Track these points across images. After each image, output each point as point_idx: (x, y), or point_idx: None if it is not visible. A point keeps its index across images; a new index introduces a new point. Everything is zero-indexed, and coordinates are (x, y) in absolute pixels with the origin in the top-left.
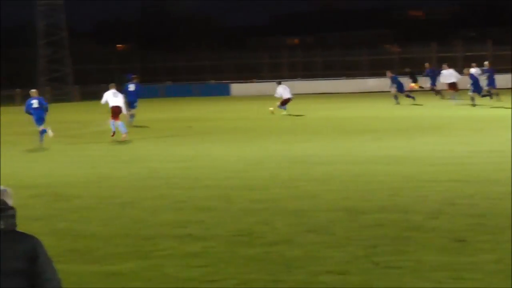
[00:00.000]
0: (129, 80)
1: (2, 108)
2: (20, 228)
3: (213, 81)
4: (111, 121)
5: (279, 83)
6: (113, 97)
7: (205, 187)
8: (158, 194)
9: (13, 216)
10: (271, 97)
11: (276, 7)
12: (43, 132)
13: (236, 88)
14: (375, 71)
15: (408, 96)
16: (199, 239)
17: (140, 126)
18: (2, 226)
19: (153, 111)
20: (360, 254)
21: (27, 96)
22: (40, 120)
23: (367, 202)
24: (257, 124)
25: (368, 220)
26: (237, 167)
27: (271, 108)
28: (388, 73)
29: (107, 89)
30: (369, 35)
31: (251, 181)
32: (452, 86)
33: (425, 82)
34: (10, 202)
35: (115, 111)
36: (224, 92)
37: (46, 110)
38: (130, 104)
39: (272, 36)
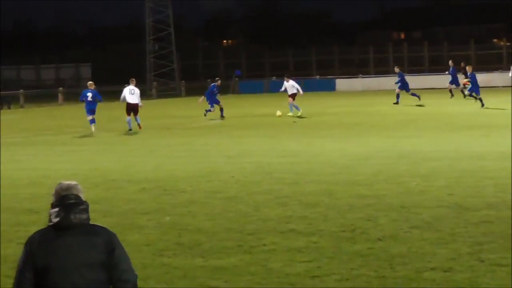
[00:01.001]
0: (237, 76)
1: (110, 104)
2: (127, 222)
3: (318, 77)
4: (127, 118)
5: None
6: (129, 94)
7: (309, 182)
8: (263, 189)
9: (86, 210)
10: (376, 92)
11: (386, 1)
12: (92, 121)
13: (341, 83)
14: (484, 66)
15: None
16: (303, 234)
17: (244, 122)
18: (76, 220)
19: (258, 106)
20: (465, 251)
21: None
22: (90, 111)
23: (473, 199)
24: (361, 120)
25: (474, 217)
26: (341, 162)
27: (278, 113)
28: None
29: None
30: (478, 29)
31: (356, 177)
32: None
33: None
34: (82, 196)
35: (131, 108)
36: (329, 87)
37: (99, 101)
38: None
39: (380, 30)
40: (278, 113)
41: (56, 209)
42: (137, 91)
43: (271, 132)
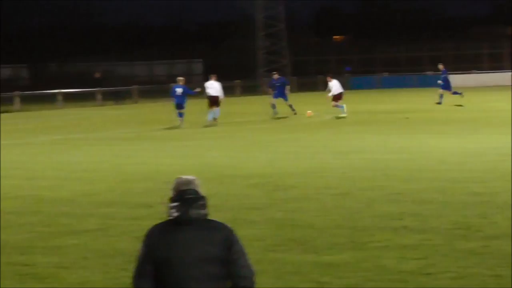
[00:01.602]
0: (347, 72)
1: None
2: (239, 217)
3: (430, 72)
4: (209, 111)
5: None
6: (210, 87)
7: (422, 179)
8: (375, 185)
9: (205, 205)
10: (490, 88)
11: None
12: (180, 115)
13: (453, 79)
14: None
15: None
16: (416, 231)
17: (354, 117)
18: (195, 215)
19: (370, 103)
20: None
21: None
22: (179, 106)
23: None
24: (474, 116)
25: None
26: (455, 159)
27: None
28: None
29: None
30: None
31: (469, 174)
32: None
33: None
34: (200, 191)
35: (212, 100)
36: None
37: (190, 95)
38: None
39: (495, 25)
40: (308, 113)
41: (176, 204)
42: (216, 85)
43: (383, 128)
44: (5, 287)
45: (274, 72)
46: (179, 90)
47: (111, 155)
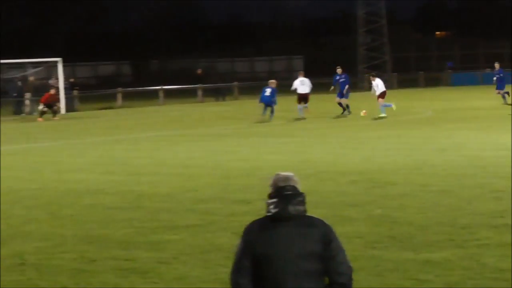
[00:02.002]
0: (449, 68)
1: (321, 96)
2: (338, 213)
3: None
4: (298, 106)
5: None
6: (300, 85)
7: None
8: (476, 183)
9: (303, 202)
10: None
11: None
12: (268, 111)
13: None
14: None
15: None
16: None
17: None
18: (294, 212)
19: (471, 99)
20: None
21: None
22: (266, 106)
23: None
24: None
25: None
26: None
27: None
28: None
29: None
30: None
31: None
32: None
33: None
34: (299, 187)
35: (301, 97)
36: None
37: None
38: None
39: None
40: (363, 112)
41: (274, 200)
42: (307, 81)
43: (484, 125)
44: (106, 281)
45: (338, 66)
46: (268, 91)
47: (211, 151)
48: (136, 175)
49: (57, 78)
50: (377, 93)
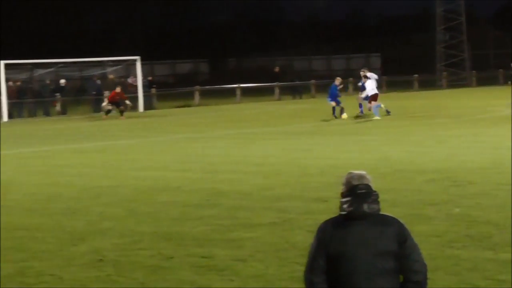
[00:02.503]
0: None
1: (399, 94)
2: (415, 212)
3: None
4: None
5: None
6: (371, 84)
7: None
8: None
9: (377, 200)
10: None
11: None
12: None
13: None
14: None
15: None
16: None
17: None
18: (369, 210)
19: None
20: None
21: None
22: (334, 100)
23: None
24: None
25: None
26: None
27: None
28: None
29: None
30: None
31: None
32: None
33: None
34: (372, 186)
35: (375, 97)
36: None
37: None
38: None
39: None
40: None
41: (348, 199)
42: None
43: None
44: (183, 279)
45: (363, 70)
46: (334, 88)
47: (287, 149)
48: (213, 173)
49: (135, 76)
50: (369, 94)
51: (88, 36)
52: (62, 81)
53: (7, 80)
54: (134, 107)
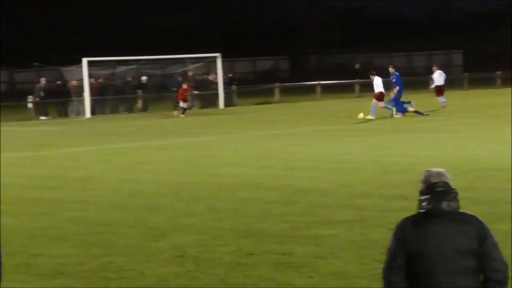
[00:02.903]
0: None
1: (481, 91)
2: (497, 210)
3: None
4: (437, 99)
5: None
6: (438, 78)
7: None
8: None
9: (456, 198)
10: None
11: None
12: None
13: None
14: None
15: None
16: None
17: None
18: (448, 208)
19: None
20: None
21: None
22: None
23: None
24: None
25: None
26: None
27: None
28: None
29: None
30: None
31: None
32: None
33: None
34: (451, 183)
35: (439, 90)
36: None
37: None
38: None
39: None
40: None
41: (427, 196)
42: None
43: None
44: (263, 275)
45: (391, 66)
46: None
47: (367, 146)
48: (292, 170)
49: (216, 73)
50: (375, 91)
51: (170, 34)
52: (144, 78)
53: (89, 77)
54: (215, 104)
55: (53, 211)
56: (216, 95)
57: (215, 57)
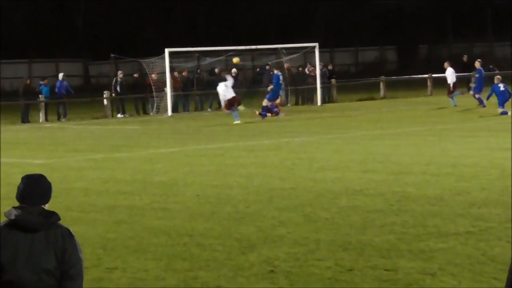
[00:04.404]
0: None
1: None
2: None
3: None
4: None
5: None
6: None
7: None
8: None
9: None
10: None
11: None
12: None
13: None
14: None
15: None
16: None
17: None
18: None
19: None
20: None
21: None
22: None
23: None
24: None
25: None
26: None
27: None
28: None
29: None
30: None
31: None
32: None
33: None
34: None
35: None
36: None
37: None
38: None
39: None
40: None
41: None
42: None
43: None
44: None
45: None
46: (501, 86)
47: (485, 148)
48: (399, 175)
49: (313, 66)
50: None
51: (262, 22)
52: (233, 70)
53: (172, 70)
54: (311, 100)
55: (130, 219)
56: (313, 90)
57: (312, 47)
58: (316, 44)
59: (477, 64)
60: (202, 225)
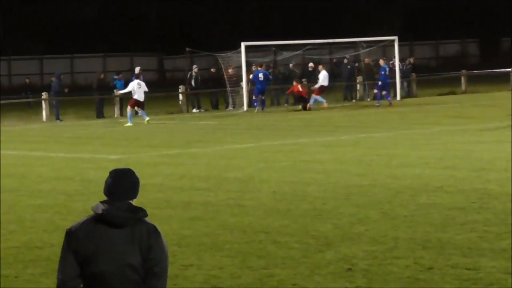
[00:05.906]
0: None
1: None
2: None
3: None
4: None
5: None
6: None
7: None
8: None
9: None
10: None
11: None
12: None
13: None
14: None
15: None
16: None
17: None
18: None
19: None
20: None
21: None
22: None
23: None
24: None
25: None
26: None
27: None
28: None
29: None
30: None
31: None
32: None
33: None
34: None
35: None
36: None
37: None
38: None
39: None
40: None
41: None
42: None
43: None
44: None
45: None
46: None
47: None
48: (481, 171)
49: (391, 60)
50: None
51: (341, 14)
52: (311, 65)
53: (248, 64)
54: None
55: (205, 216)
56: (392, 85)
57: (392, 41)
58: (396, 38)
59: None
60: (278, 222)
